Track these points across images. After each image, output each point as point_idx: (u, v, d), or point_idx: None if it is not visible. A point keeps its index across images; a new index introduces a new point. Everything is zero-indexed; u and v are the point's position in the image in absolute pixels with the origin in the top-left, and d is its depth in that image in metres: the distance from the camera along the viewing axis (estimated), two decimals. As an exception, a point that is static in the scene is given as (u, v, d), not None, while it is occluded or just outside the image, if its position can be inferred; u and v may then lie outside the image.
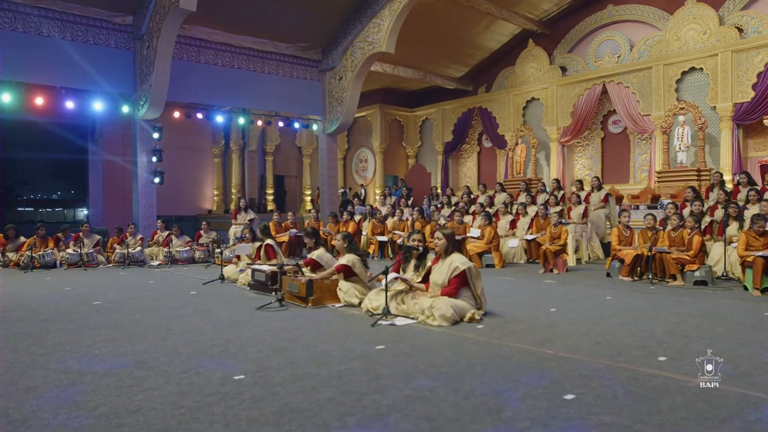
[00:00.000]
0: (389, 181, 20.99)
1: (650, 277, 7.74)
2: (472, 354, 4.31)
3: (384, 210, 12.61)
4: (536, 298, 6.92)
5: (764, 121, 13.80)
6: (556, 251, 8.96)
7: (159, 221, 12.75)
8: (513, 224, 10.58)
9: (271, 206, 20.80)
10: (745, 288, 7.05)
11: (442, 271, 5.63)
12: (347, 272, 6.61)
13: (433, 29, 17.04)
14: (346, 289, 6.45)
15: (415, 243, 6.03)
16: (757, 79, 13.76)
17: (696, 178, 13.84)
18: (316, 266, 7.14)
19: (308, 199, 22.42)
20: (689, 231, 7.66)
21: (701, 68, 14.66)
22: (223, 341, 4.82)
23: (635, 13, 16.19)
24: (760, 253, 6.58)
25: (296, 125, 18.20)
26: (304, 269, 7.15)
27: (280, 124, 17.80)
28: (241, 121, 17.45)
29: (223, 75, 15.81)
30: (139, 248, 11.51)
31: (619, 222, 8.51)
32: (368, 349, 4.49)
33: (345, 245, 6.73)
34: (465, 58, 19.12)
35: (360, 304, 6.34)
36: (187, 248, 11.66)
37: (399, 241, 11.35)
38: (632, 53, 16.11)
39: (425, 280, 5.98)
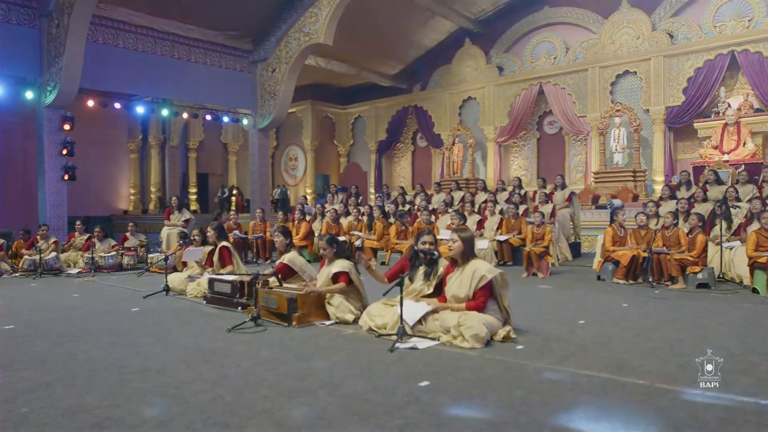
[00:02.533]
0: (320, 180, 19.71)
1: (649, 280, 7.07)
2: (548, 390, 3.27)
3: (332, 209, 11.35)
4: (549, 308, 5.96)
5: (694, 124, 13.87)
6: (540, 253, 8.15)
7: (78, 222, 10.79)
8: (480, 224, 9.71)
9: (194, 206, 18.88)
10: (754, 291, 6.50)
11: (463, 281, 4.56)
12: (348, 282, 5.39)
13: (370, 23, 15.98)
14: (337, 304, 5.22)
15: (426, 246, 4.92)
16: (688, 83, 13.79)
17: (632, 178, 13.69)
18: (287, 273, 5.87)
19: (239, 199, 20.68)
20: (689, 230, 7.06)
21: (635, 72, 14.57)
22: (206, 385, 3.50)
23: (571, 16, 15.91)
24: (772, 254, 6.05)
25: (225, 119, 16.55)
26: (269, 279, 5.85)
27: (208, 117, 16.10)
28: (165, 113, 15.57)
29: (143, 62, 13.95)
30: (53, 254, 9.59)
31: (614, 221, 7.79)
32: (411, 387, 3.35)
33: (333, 250, 5.50)
34: (401, 55, 18.19)
35: (355, 321, 5.15)
36: (113, 253, 9.84)
37: (357, 242, 10.19)
38: (568, 55, 15.83)
39: (437, 291, 4.89)
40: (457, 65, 17.60)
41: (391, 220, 10.46)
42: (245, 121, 16.18)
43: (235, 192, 19.32)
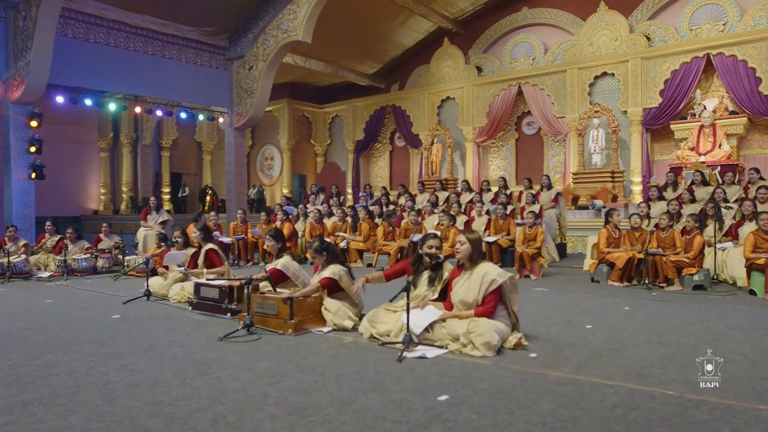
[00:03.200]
0: (296, 180, 19.31)
1: (645, 282, 6.93)
2: (575, 402, 3.05)
3: (315, 209, 10.99)
4: (550, 312, 5.75)
5: (671, 126, 13.93)
6: (533, 255, 7.97)
7: (48, 223, 10.22)
8: (467, 225, 9.49)
9: (167, 206, 18.27)
10: (752, 292, 6.41)
11: (472, 285, 4.32)
12: (332, 288, 5.10)
13: (348, 21, 15.68)
14: (335, 310, 4.93)
15: (433, 250, 4.66)
16: (664, 85, 13.84)
17: (610, 179, 13.69)
18: (279, 279, 5.55)
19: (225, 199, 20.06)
20: (682, 230, 6.95)
21: (613, 73, 14.58)
22: (204, 402, 3.19)
23: (549, 18, 15.87)
24: (773, 255, 5.96)
25: (200, 117, 16.01)
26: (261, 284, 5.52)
27: (183, 115, 15.53)
28: (138, 110, 14.99)
29: (116, 57, 13.39)
30: (23, 256, 9.04)
31: (609, 222, 7.63)
32: (429, 402, 3.09)
33: (324, 258, 5.20)
34: (379, 54, 17.93)
35: (354, 328, 4.87)
36: (87, 256, 9.33)
37: (343, 244, 9.86)
38: (547, 56, 15.78)
39: (441, 297, 4.64)
40: (436, 65, 17.42)
41: (378, 220, 10.17)
42: (221, 120, 15.70)
43: (209, 192, 18.79)
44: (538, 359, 3.93)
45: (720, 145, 12.86)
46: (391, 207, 11.37)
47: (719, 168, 12.22)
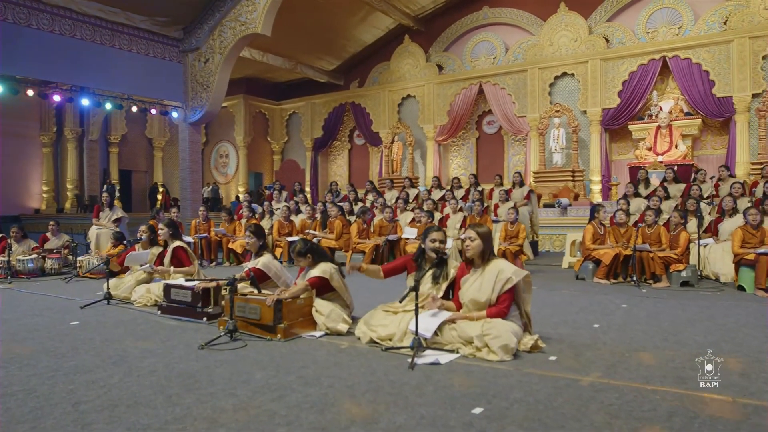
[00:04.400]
0: (252, 178, 18.57)
1: (633, 278, 6.74)
2: (628, 412, 2.70)
3: (284, 206, 10.39)
4: (549, 311, 5.37)
5: (629, 126, 14.05)
6: (516, 252, 7.69)
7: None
8: (442, 223, 9.13)
9: (117, 205, 17.13)
10: (740, 288, 6.30)
11: (484, 283, 3.94)
12: (322, 288, 4.62)
13: (308, 16, 15.13)
14: (327, 312, 4.45)
15: (437, 245, 4.25)
16: (623, 86, 13.95)
17: (571, 178, 13.71)
18: (261, 279, 5.03)
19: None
20: (672, 227, 6.79)
21: (573, 74, 14.60)
22: (201, 425, 2.68)
23: (510, 17, 15.78)
24: (763, 250, 5.84)
25: (153, 111, 15.10)
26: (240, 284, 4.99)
27: (134, 109, 14.59)
28: (85, 102, 13.96)
29: (61, 45, 12.39)
30: (-43, 258, 8.10)
31: (594, 218, 7.41)
32: (465, 417, 2.69)
33: (310, 258, 4.71)
34: (338, 51, 17.43)
35: (349, 331, 4.41)
36: (34, 256, 8.45)
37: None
38: (507, 55, 15.68)
39: (446, 296, 4.25)
40: (397, 62, 17.08)
41: (350, 218, 9.70)
42: (175, 114, 14.85)
43: (161, 190, 17.80)
44: (560, 362, 3.58)
45: (676, 146, 13.02)
46: (360, 204, 10.91)
47: (676, 167, 12.37)
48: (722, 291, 6.38)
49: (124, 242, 6.96)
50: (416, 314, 3.71)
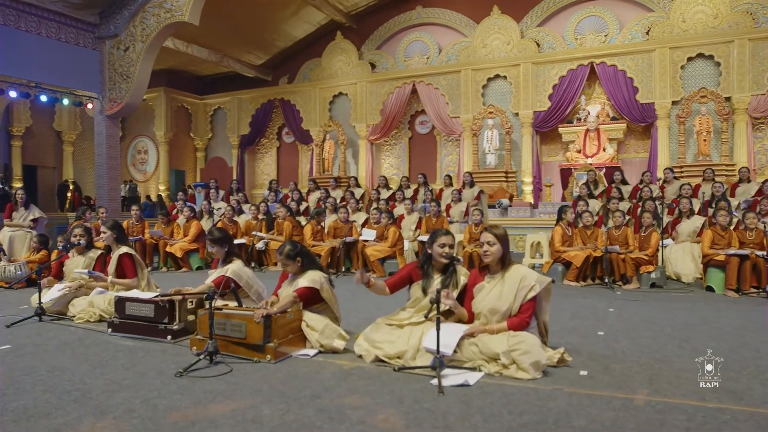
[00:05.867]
0: (174, 176, 17.33)
1: (606, 281, 6.66)
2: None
3: (228, 206, 9.56)
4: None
5: (559, 129, 14.35)
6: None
7: None
8: (397, 224, 8.72)
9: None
10: (708, 289, 6.36)
11: (505, 292, 3.59)
12: (311, 299, 4.09)
13: (237, 6, 14.29)
14: (321, 327, 3.93)
15: (446, 249, 3.84)
16: (553, 90, 14.21)
17: (504, 179, 13.82)
18: (222, 288, 4.42)
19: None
20: (643, 228, 6.78)
21: (505, 76, 14.71)
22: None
23: (443, 18, 15.69)
24: (734, 251, 5.92)
25: (65, 102, 13.64)
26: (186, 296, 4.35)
27: (43, 98, 13.11)
28: (-14, 91, 12.35)
29: (-43, 24, 10.89)
30: None
31: (562, 219, 7.27)
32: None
33: (298, 265, 4.17)
34: (267, 45, 16.62)
35: (345, 348, 3.92)
36: (-68, 266, 7.18)
37: (260, 245, 8.63)
38: (441, 56, 15.58)
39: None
40: (328, 59, 16.52)
41: (300, 218, 9.08)
42: (90, 106, 13.49)
43: (71, 188, 16.16)
44: (595, 378, 3.31)
45: (604, 149, 13.42)
46: (304, 204, 10.31)
47: (604, 170, 12.75)
48: (692, 292, 6.45)
49: (61, 247, 5.97)
50: (437, 329, 3.29)
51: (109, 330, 4.60)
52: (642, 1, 13.73)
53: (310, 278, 4.07)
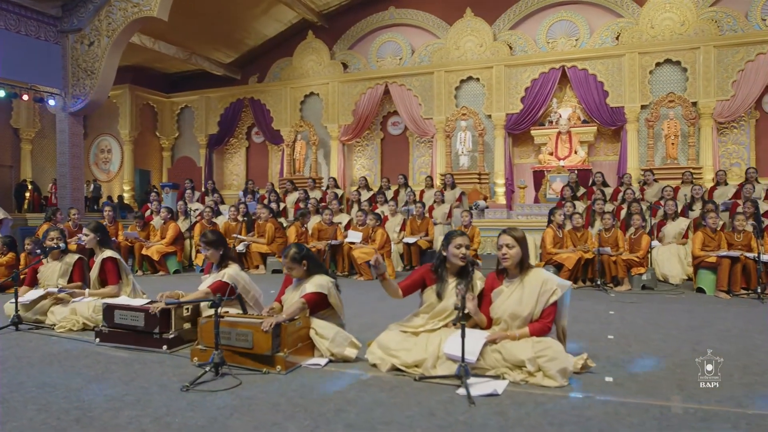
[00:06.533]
0: (139, 176, 16.73)
1: (599, 283, 6.64)
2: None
3: (207, 207, 9.18)
4: None
5: (531, 131, 14.45)
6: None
7: None
8: (381, 225, 8.54)
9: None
10: (699, 290, 6.42)
11: (526, 296, 3.48)
12: (317, 305, 3.89)
13: (206, 3, 13.88)
14: (331, 335, 3.74)
15: (462, 251, 3.70)
16: (525, 93, 14.29)
17: (477, 181, 13.83)
18: (225, 294, 4.19)
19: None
20: (633, 230, 6.79)
21: (478, 78, 14.72)
22: None
23: (416, 19, 15.62)
24: (725, 253, 5.99)
25: (24, 97, 12.97)
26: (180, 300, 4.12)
27: (1, 93, 12.43)
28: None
29: None
30: None
31: (552, 221, 7.23)
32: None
33: (304, 268, 3.96)
34: (237, 43, 16.23)
35: (357, 357, 3.74)
36: None
37: (240, 247, 8.31)
38: (414, 57, 15.50)
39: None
40: (299, 58, 16.24)
41: (281, 220, 8.81)
42: (52, 102, 12.88)
43: (30, 188, 15.39)
44: (623, 385, 3.24)
45: (576, 151, 13.58)
46: (282, 204, 10.03)
47: (576, 172, 12.90)
48: (683, 294, 6.51)
49: (30, 251, 5.57)
50: (462, 335, 3.15)
51: (97, 340, 4.29)
52: (612, 7, 13.95)
53: (318, 283, 3.88)
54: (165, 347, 4.01)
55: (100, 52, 12.69)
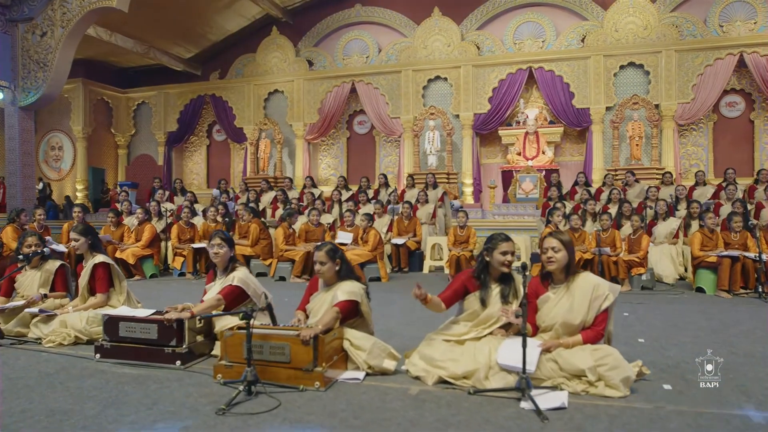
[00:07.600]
0: (92, 174, 15.80)
1: None
2: None
3: (186, 208, 8.60)
4: None
5: (499, 131, 14.48)
6: (469, 258, 7.14)
7: None
8: (368, 227, 8.26)
9: None
10: (699, 290, 6.44)
11: (576, 302, 3.30)
12: (351, 314, 3.60)
13: (167, -5, 13.22)
14: (368, 347, 3.46)
15: (508, 258, 3.48)
16: (493, 93, 14.31)
17: (446, 180, 13.75)
18: (236, 300, 3.86)
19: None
20: (632, 231, 6.76)
21: (446, 78, 14.65)
22: None
23: (383, 17, 15.40)
24: (726, 253, 6.03)
25: (-29, 92, 11.99)
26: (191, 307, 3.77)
27: (-56, 86, 11.44)
28: None
29: None
30: None
31: (550, 222, 7.12)
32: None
33: (336, 267, 3.67)
34: (197, 38, 15.57)
35: (396, 369, 3.47)
36: None
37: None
38: (381, 55, 15.27)
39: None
40: (263, 55, 15.72)
41: (264, 219, 8.37)
42: (0, 95, 11.94)
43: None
44: (684, 393, 3.12)
45: (543, 152, 13.70)
46: (261, 206, 9.59)
47: (544, 172, 13.01)
48: (683, 293, 6.53)
49: (19, 258, 4.98)
50: (524, 345, 2.94)
51: (97, 356, 3.85)
52: (578, 10, 14.13)
53: (349, 290, 3.59)
54: (179, 362, 3.63)
55: (53, 43, 11.87)
